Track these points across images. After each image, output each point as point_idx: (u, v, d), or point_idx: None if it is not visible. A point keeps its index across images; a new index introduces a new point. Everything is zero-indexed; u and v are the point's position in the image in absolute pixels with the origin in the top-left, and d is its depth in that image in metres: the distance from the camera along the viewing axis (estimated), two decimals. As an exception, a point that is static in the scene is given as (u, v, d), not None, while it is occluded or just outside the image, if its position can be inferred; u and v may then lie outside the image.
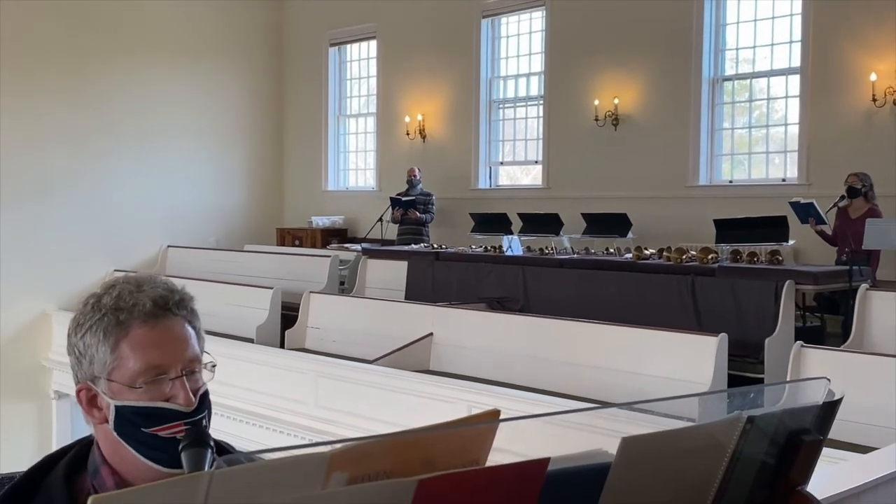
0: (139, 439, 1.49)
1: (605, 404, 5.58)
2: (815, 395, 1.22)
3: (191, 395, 1.50)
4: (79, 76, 12.33)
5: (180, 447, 1.38)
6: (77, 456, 1.56)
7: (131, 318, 1.50)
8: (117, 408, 1.50)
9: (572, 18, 11.14)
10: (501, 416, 1.05)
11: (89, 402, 1.54)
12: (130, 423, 1.49)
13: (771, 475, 1.19)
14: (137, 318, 1.50)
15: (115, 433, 1.50)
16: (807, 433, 1.19)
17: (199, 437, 1.40)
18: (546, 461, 0.99)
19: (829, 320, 7.83)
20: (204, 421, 1.52)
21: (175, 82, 13.29)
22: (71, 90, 12.25)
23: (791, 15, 9.64)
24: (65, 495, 1.49)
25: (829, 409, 1.21)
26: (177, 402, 1.49)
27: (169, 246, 13.09)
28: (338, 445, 0.89)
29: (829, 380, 1.20)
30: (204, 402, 1.53)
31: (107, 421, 1.51)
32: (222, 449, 1.57)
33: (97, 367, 1.51)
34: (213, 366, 1.57)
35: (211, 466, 1.36)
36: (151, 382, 1.49)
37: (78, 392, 1.55)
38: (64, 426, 11.33)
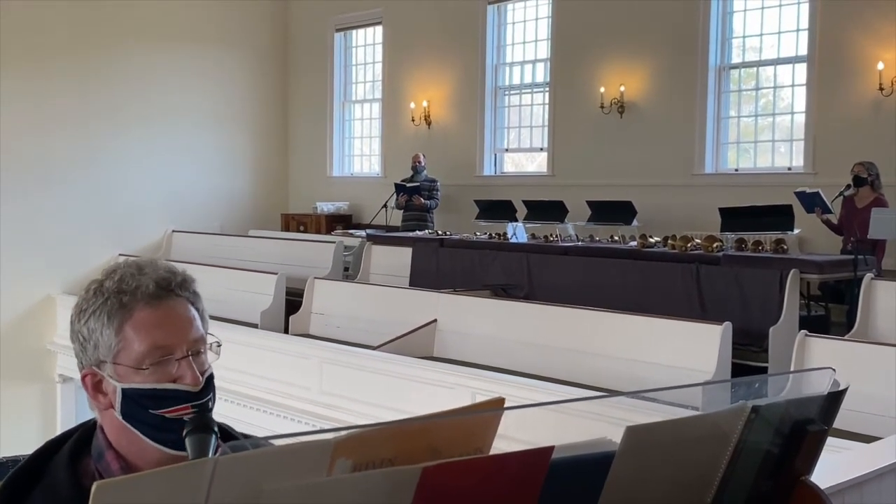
0: (146, 422, 1.49)
1: (611, 392, 5.60)
2: (819, 386, 1.22)
3: (198, 373, 1.51)
4: (84, 61, 12.31)
5: (184, 433, 1.39)
6: (80, 440, 1.57)
7: (134, 301, 1.50)
8: (124, 391, 1.50)
9: (578, 5, 11.10)
10: (506, 404, 1.05)
11: (94, 387, 1.54)
12: (137, 405, 1.49)
13: (775, 465, 1.19)
14: (141, 299, 1.51)
15: (120, 417, 1.51)
16: (811, 423, 1.19)
17: (203, 422, 1.40)
18: (550, 449, 0.99)
19: (834, 309, 7.82)
20: (209, 404, 1.52)
21: (180, 67, 13.27)
22: (76, 75, 12.23)
23: (798, 3, 9.60)
24: (69, 479, 1.50)
25: (834, 399, 1.21)
26: (184, 383, 1.50)
27: (174, 230, 13.10)
28: (342, 433, 0.89)
29: (834, 370, 1.20)
30: (209, 385, 1.54)
31: (112, 406, 1.52)
32: (224, 432, 1.58)
33: (102, 351, 1.51)
34: (219, 345, 1.57)
35: (215, 452, 1.37)
36: (157, 363, 1.50)
37: (83, 378, 1.55)
38: (68, 409, 11.36)
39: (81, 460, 1.55)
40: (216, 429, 1.40)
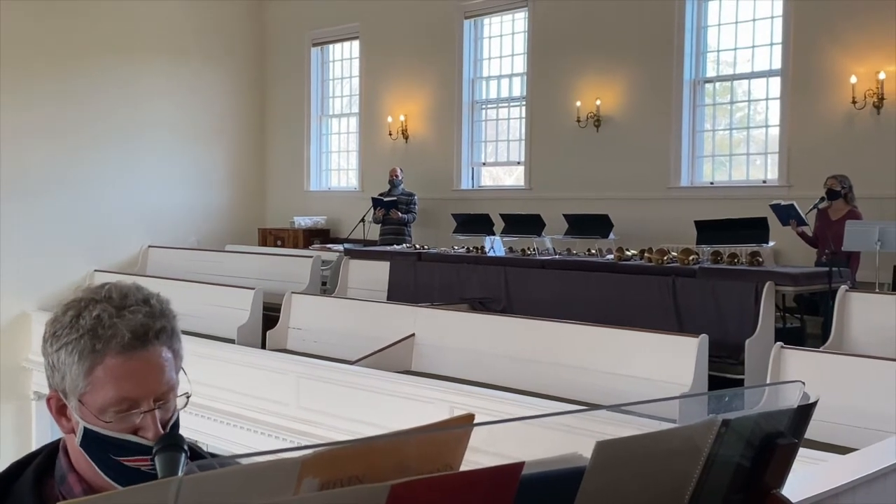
0: (105, 462, 1.47)
1: (591, 406, 5.60)
2: (792, 398, 1.22)
3: (160, 429, 1.47)
4: (60, 74, 12.25)
5: (154, 451, 1.37)
6: (44, 462, 1.55)
7: (107, 348, 1.46)
8: (86, 429, 1.48)
9: (555, 20, 11.16)
10: (481, 418, 1.05)
11: (58, 410, 1.52)
12: (98, 447, 1.47)
13: (746, 478, 1.20)
14: (114, 348, 1.46)
15: (80, 449, 1.49)
16: (781, 436, 1.20)
17: (173, 441, 1.39)
18: (520, 465, 0.99)
19: (809, 321, 7.87)
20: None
21: (156, 81, 13.22)
22: (52, 89, 12.16)
23: (772, 17, 9.69)
24: (33, 501, 1.49)
25: (804, 412, 1.21)
26: (145, 436, 1.46)
27: (150, 246, 13.03)
28: (309, 451, 0.89)
29: (803, 383, 1.20)
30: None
31: (74, 432, 1.50)
32: (193, 451, 1.56)
33: (69, 386, 1.48)
34: (188, 396, 1.54)
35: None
36: (121, 413, 1.47)
37: (49, 399, 1.54)
38: (43, 427, 11.25)
39: (45, 482, 1.53)
40: (186, 448, 1.39)
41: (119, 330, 1.47)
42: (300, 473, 0.89)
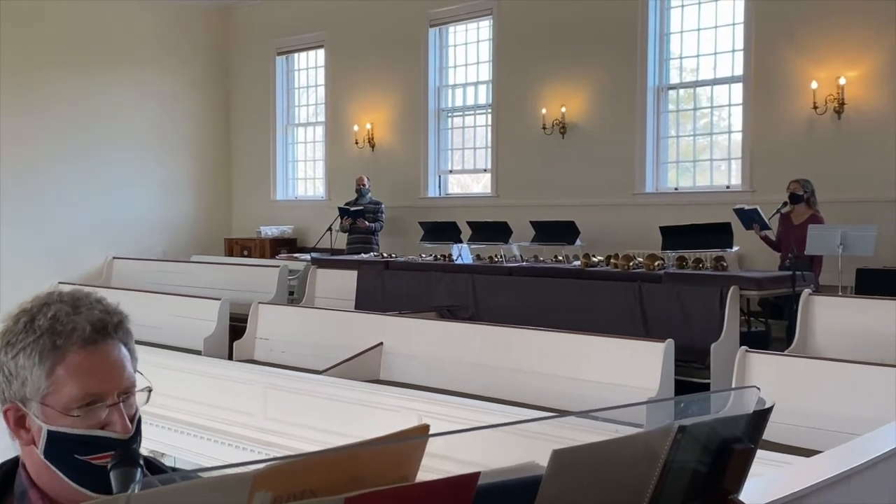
0: (70, 465, 1.45)
1: (562, 412, 5.62)
2: (751, 403, 1.23)
3: (128, 422, 1.47)
4: (22, 84, 12.13)
5: (109, 466, 1.36)
6: (1, 479, 1.53)
7: (69, 343, 1.45)
8: (50, 433, 1.46)
9: (520, 27, 11.20)
10: (449, 426, 1.05)
11: (17, 422, 1.50)
12: (62, 449, 1.45)
13: (703, 484, 1.20)
14: (76, 343, 1.46)
15: (43, 457, 1.46)
16: (738, 442, 1.20)
17: (128, 456, 1.37)
18: (476, 476, 0.98)
19: (774, 325, 7.93)
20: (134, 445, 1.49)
21: (120, 91, 13.13)
22: (14, 99, 12.04)
23: (734, 24, 9.78)
24: None
25: (760, 417, 1.22)
26: (114, 430, 1.45)
27: (114, 257, 12.90)
28: (261, 465, 0.88)
29: (758, 388, 1.21)
30: (138, 429, 1.50)
31: (34, 443, 1.47)
32: (150, 464, 1.54)
33: (29, 390, 1.46)
34: (150, 391, 1.53)
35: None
36: (87, 409, 1.45)
37: (5, 412, 1.51)
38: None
39: (4, 500, 1.51)
40: (142, 462, 1.38)
41: (79, 324, 1.47)
42: (252, 487, 0.88)
